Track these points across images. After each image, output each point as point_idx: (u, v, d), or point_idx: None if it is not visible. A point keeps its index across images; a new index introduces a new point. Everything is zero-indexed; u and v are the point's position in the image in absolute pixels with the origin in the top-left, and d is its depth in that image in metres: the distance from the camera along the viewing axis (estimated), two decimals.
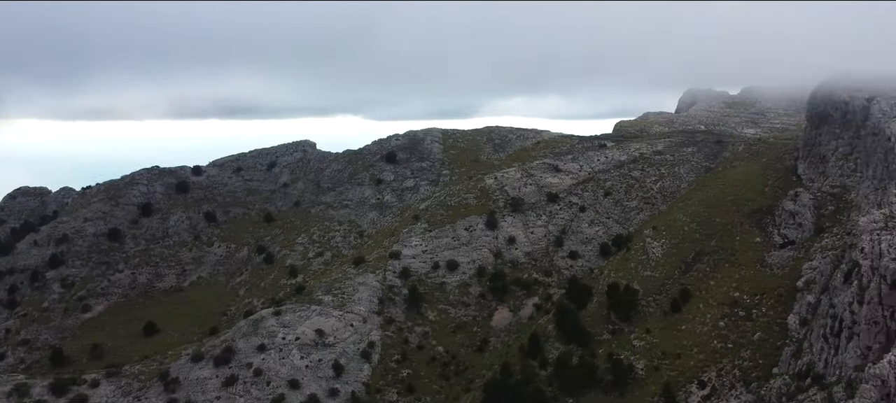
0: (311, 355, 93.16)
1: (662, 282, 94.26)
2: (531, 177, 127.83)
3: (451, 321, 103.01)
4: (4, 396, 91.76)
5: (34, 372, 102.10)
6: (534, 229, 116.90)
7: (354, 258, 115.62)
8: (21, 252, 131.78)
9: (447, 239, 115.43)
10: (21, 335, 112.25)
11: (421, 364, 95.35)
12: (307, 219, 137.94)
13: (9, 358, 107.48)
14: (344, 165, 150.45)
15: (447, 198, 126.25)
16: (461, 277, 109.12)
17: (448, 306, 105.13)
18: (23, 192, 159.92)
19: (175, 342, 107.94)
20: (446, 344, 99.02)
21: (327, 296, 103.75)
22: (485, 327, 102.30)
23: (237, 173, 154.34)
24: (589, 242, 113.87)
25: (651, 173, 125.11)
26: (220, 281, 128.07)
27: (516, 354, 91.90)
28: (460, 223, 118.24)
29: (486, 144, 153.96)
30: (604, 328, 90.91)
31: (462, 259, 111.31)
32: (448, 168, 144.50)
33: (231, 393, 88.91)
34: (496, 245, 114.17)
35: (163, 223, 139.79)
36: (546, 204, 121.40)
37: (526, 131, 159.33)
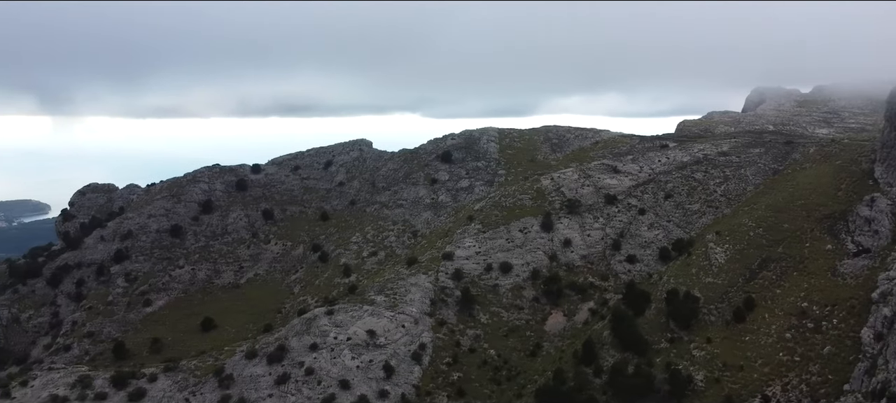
0: (362, 355, 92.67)
1: (725, 290, 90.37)
2: (589, 177, 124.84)
3: (503, 324, 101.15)
4: (68, 387, 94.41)
5: (97, 365, 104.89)
6: (590, 231, 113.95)
7: (407, 258, 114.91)
8: (88, 246, 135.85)
9: (501, 240, 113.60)
10: (86, 327, 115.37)
11: (472, 368, 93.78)
12: (362, 218, 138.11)
13: (74, 350, 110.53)
14: (399, 164, 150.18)
15: (502, 198, 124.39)
16: (515, 280, 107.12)
17: (501, 309, 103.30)
18: (92, 188, 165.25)
19: (231, 338, 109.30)
20: (498, 348, 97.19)
21: (380, 296, 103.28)
22: (538, 331, 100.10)
23: (295, 171, 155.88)
24: (648, 246, 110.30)
25: (715, 175, 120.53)
26: (276, 278, 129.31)
27: (570, 360, 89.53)
28: (515, 224, 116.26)
29: (543, 144, 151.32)
30: (662, 336, 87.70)
31: (516, 261, 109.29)
32: (504, 168, 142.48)
33: (283, 391, 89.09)
34: (551, 247, 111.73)
35: (222, 220, 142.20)
36: (604, 205, 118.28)
37: (584, 131, 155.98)
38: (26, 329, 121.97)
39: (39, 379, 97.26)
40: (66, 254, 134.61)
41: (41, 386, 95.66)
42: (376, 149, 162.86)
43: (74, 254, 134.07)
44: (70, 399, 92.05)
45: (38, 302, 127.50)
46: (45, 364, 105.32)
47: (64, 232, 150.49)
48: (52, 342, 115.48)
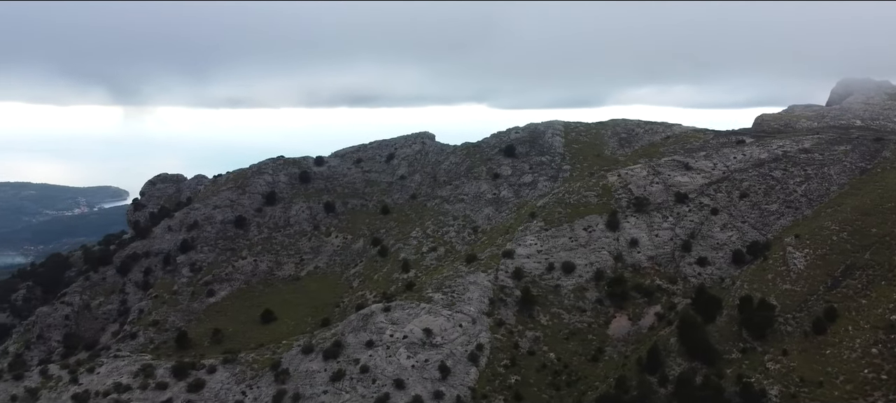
0: (417, 354, 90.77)
1: (804, 298, 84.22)
2: (658, 174, 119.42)
3: (564, 326, 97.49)
4: (132, 375, 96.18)
5: (160, 353, 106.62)
6: (659, 231, 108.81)
7: (467, 255, 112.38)
8: (156, 236, 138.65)
9: (564, 239, 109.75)
10: (152, 316, 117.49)
11: (530, 371, 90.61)
12: (422, 213, 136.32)
13: (140, 338, 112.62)
14: (461, 158, 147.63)
15: (566, 195, 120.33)
16: (577, 280, 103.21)
17: (562, 310, 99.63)
18: (162, 178, 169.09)
19: (289, 331, 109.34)
20: (558, 351, 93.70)
21: (437, 294, 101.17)
22: (600, 335, 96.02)
23: (357, 164, 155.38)
24: (720, 248, 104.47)
25: (795, 174, 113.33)
26: (336, 271, 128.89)
27: (634, 367, 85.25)
28: (579, 222, 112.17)
29: (611, 138, 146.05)
30: (733, 346, 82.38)
31: (579, 261, 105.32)
32: (569, 163, 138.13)
33: (338, 389, 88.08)
34: (617, 247, 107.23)
35: (285, 212, 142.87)
36: (674, 204, 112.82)
37: (655, 125, 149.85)
38: (96, 315, 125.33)
39: (105, 367, 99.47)
40: (136, 243, 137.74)
41: (106, 373, 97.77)
42: (439, 143, 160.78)
43: (143, 243, 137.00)
44: (133, 388, 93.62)
45: (108, 289, 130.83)
46: (112, 352, 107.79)
47: (134, 221, 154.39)
48: (119, 329, 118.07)
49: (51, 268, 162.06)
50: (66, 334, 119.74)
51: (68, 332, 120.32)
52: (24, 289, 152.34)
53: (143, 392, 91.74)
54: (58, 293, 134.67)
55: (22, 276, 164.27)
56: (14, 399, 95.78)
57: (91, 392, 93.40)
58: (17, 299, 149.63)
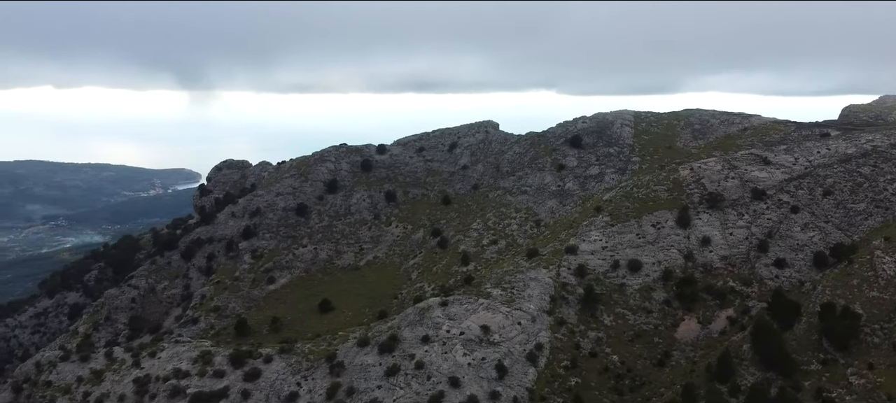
0: (474, 352, 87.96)
1: (894, 308, 77.46)
2: (734, 169, 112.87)
3: (629, 328, 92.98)
4: (191, 362, 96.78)
5: (220, 340, 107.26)
6: (733, 230, 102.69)
7: (528, 250, 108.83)
8: (220, 222, 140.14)
9: (631, 235, 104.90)
10: (213, 302, 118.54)
11: (592, 374, 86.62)
12: (484, 204, 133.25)
13: (201, 323, 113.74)
14: (525, 148, 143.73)
15: (634, 188, 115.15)
16: (644, 279, 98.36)
17: (627, 311, 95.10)
18: (227, 164, 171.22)
19: (346, 321, 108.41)
20: (622, 354, 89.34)
21: (496, 290, 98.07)
22: (667, 338, 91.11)
23: (419, 153, 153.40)
24: (800, 249, 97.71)
25: (886, 170, 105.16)
26: (395, 261, 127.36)
27: (702, 375, 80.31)
28: (647, 218, 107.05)
29: (684, 130, 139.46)
30: (813, 356, 76.48)
31: (646, 259, 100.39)
32: (638, 155, 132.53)
33: (392, 384, 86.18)
34: (687, 245, 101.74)
35: (346, 200, 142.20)
36: (750, 201, 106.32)
37: (731, 115, 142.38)
38: (161, 299, 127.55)
39: (166, 352, 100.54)
40: (200, 229, 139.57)
41: (167, 359, 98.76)
42: (502, 132, 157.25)
43: (207, 229, 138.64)
44: (191, 374, 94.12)
45: (172, 273, 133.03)
46: (173, 336, 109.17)
47: (200, 206, 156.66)
48: (182, 313, 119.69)
49: (122, 250, 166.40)
50: (132, 317, 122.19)
51: (134, 315, 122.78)
52: (97, 270, 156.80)
53: (200, 379, 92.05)
54: (127, 275, 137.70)
55: (95, 257, 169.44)
56: (80, 380, 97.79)
57: (152, 376, 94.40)
58: (90, 279, 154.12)
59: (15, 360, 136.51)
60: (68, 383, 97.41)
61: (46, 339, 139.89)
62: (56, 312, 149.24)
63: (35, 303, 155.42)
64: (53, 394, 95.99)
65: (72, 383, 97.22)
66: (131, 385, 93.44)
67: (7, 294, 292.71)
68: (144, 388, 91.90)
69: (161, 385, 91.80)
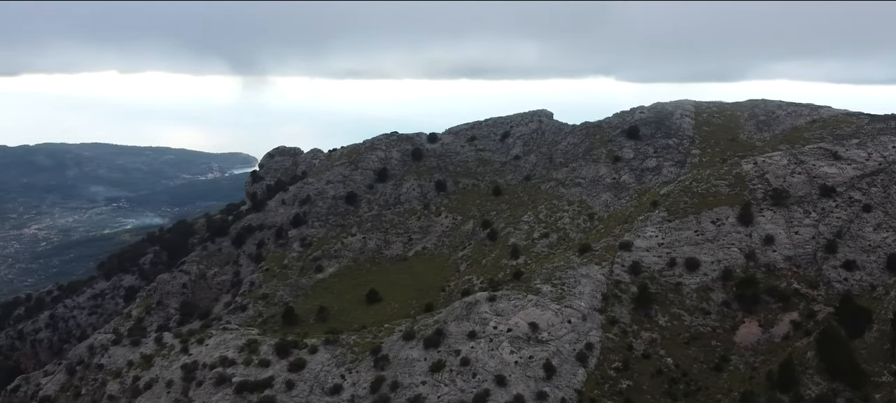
0: (521, 350, 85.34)
1: None
2: (801, 163, 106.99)
3: (685, 329, 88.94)
4: (237, 350, 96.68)
5: (267, 329, 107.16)
6: (799, 229, 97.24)
7: (580, 244, 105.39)
8: (270, 209, 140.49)
9: (689, 231, 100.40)
10: (262, 289, 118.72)
11: (644, 377, 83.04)
12: (536, 196, 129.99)
13: (249, 311, 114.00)
14: (580, 139, 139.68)
15: (694, 183, 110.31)
16: (702, 279, 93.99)
17: (683, 311, 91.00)
18: (279, 151, 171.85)
19: (393, 313, 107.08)
20: (677, 357, 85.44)
21: (546, 286, 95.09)
22: (726, 342, 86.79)
23: (470, 142, 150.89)
24: (872, 251, 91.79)
25: None
26: (444, 253, 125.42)
27: (763, 382, 76.08)
28: (706, 214, 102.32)
29: (748, 121, 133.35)
30: (884, 367, 71.46)
31: (705, 257, 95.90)
32: (698, 147, 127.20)
33: (436, 380, 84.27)
34: (749, 244, 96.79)
35: (396, 189, 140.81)
36: (818, 198, 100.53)
37: (799, 107, 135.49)
38: (211, 285, 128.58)
39: (214, 339, 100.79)
40: (251, 216, 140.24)
41: (214, 346, 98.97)
42: (556, 121, 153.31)
43: (258, 216, 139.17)
44: (237, 363, 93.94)
45: (223, 259, 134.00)
46: (222, 323, 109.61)
47: (252, 193, 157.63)
48: (231, 300, 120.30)
49: (177, 235, 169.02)
50: (183, 302, 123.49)
51: (185, 300, 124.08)
52: (152, 254, 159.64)
53: (246, 367, 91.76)
54: (179, 260, 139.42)
55: (150, 241, 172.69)
56: (130, 365, 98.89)
57: (199, 363, 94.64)
58: (145, 263, 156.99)
59: (73, 340, 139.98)
60: (119, 367, 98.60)
61: (103, 320, 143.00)
62: (112, 294, 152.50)
63: (93, 285, 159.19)
64: (104, 378, 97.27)
65: (122, 367, 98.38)
66: (179, 372, 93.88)
67: (70, 273, 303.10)
68: (191, 375, 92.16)
69: (207, 372, 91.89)
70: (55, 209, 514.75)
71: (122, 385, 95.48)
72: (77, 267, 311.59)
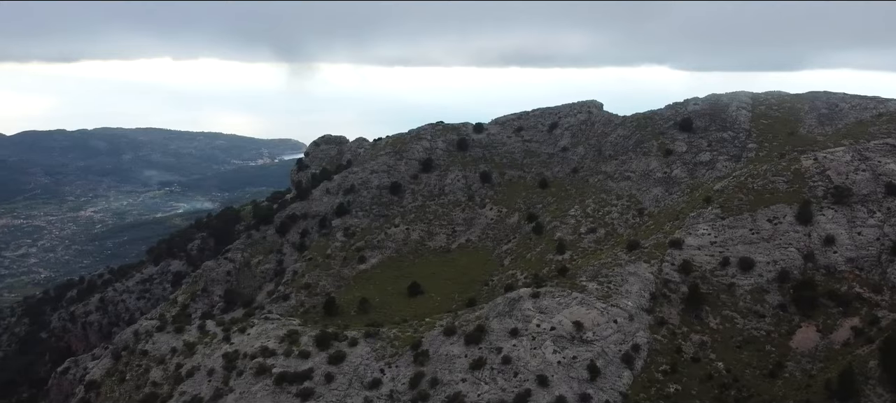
0: (565, 350, 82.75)
1: None
2: (866, 160, 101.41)
3: (737, 332, 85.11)
4: (278, 340, 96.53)
5: (308, 319, 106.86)
6: (862, 229, 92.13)
7: (629, 241, 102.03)
8: (315, 198, 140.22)
9: (743, 230, 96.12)
10: (304, 278, 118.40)
11: (693, 381, 79.68)
12: (583, 189, 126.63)
13: (292, 300, 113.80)
14: (630, 131, 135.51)
15: (749, 178, 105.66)
16: (757, 280, 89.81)
17: (736, 314, 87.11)
18: (325, 140, 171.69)
19: (435, 306, 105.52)
20: (728, 361, 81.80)
21: (592, 283, 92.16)
22: (781, 347, 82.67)
23: (517, 133, 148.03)
24: None
25: None
26: (488, 246, 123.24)
27: (820, 391, 72.07)
28: (762, 212, 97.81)
29: (808, 114, 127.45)
30: None
31: (760, 257, 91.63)
32: (755, 141, 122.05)
33: (477, 378, 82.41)
34: (808, 244, 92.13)
35: (440, 180, 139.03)
36: (884, 197, 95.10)
37: (864, 99, 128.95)
38: (255, 273, 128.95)
39: (255, 328, 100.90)
40: (295, 204, 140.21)
41: (256, 335, 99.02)
42: (606, 112, 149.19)
43: (302, 205, 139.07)
44: (277, 353, 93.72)
45: (267, 248, 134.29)
46: (264, 312, 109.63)
47: (297, 181, 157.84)
48: (274, 289, 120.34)
49: (223, 222, 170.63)
50: (227, 290, 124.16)
51: (229, 288, 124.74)
52: (199, 240, 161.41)
53: (286, 359, 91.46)
54: (224, 248, 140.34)
55: (198, 227, 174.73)
56: (174, 352, 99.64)
57: (240, 352, 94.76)
58: (192, 249, 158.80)
59: (122, 324, 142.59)
60: (163, 353, 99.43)
61: (150, 305, 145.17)
62: (160, 279, 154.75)
63: (142, 269, 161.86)
64: (148, 364, 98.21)
65: (166, 353, 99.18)
66: (220, 360, 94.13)
67: (123, 255, 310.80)
68: (233, 364, 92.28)
69: (248, 362, 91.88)
70: (111, 192, 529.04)
71: (165, 371, 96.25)
72: (130, 250, 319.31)
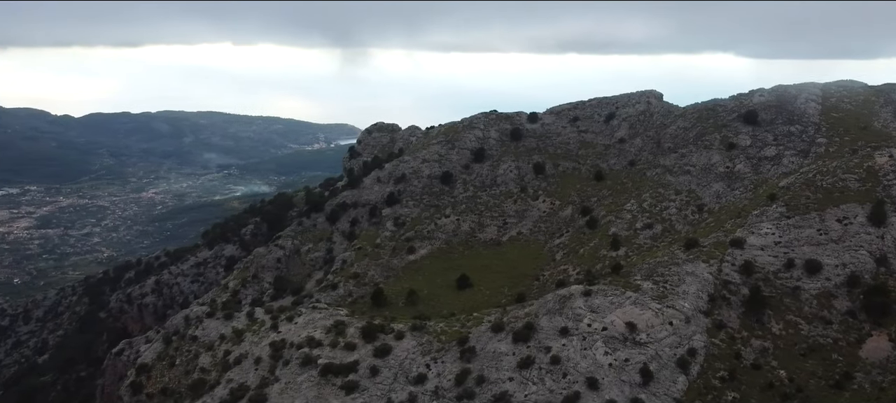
0: (617, 352, 79.73)
1: None
2: None
3: (802, 339, 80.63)
4: (325, 331, 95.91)
5: (355, 309, 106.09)
6: None
7: (687, 238, 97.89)
8: (366, 186, 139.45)
9: (811, 230, 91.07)
10: (353, 268, 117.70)
11: (753, 390, 75.73)
12: (640, 183, 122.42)
13: (340, 290, 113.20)
14: (691, 123, 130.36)
15: (818, 176, 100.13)
16: (824, 284, 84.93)
17: (800, 319, 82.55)
18: (378, 127, 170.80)
19: (484, 300, 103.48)
20: (791, 370, 77.47)
21: (647, 282, 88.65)
22: (849, 356, 77.95)
23: (572, 123, 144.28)
24: None
25: None
26: (539, 239, 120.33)
27: None
28: (832, 212, 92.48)
29: (884, 108, 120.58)
30: None
31: (828, 260, 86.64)
32: (825, 136, 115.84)
33: (524, 378, 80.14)
34: (881, 247, 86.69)
35: (492, 170, 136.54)
36: None
37: None
38: (304, 261, 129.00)
39: (303, 317, 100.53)
40: (346, 193, 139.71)
41: (303, 325, 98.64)
42: (666, 103, 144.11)
43: (353, 193, 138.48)
44: (323, 344, 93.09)
45: (317, 235, 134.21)
46: (312, 301, 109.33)
47: (349, 168, 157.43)
48: (323, 277, 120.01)
49: (277, 207, 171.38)
50: (277, 277, 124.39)
51: (279, 275, 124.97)
52: (253, 225, 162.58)
53: (332, 349, 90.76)
54: (275, 234, 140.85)
55: (252, 212, 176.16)
56: (222, 339, 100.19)
57: (287, 342, 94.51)
58: (246, 234, 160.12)
59: (176, 306, 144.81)
60: (212, 340, 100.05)
61: (203, 289, 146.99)
62: (214, 263, 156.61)
63: (196, 253, 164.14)
64: (198, 349, 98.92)
65: (215, 340, 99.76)
66: (267, 349, 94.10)
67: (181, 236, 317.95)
68: (279, 353, 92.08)
69: (294, 352, 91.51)
70: (171, 174, 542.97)
71: (214, 358, 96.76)
72: (188, 231, 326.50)
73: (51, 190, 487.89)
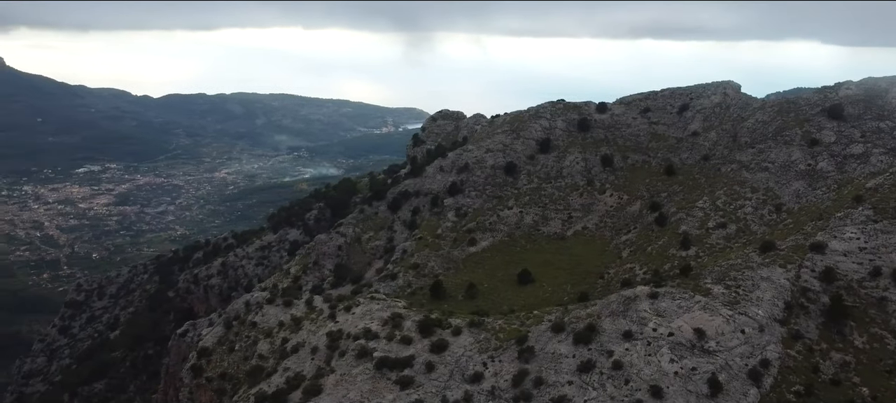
0: (683, 359, 75.70)
1: None
2: None
3: (888, 355, 74.90)
4: (381, 323, 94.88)
5: (415, 300, 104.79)
6: None
7: (763, 240, 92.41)
8: (428, 175, 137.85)
9: None
10: (413, 258, 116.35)
11: None
12: (714, 179, 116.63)
13: (399, 280, 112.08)
14: (771, 116, 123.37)
15: None
16: None
17: (886, 332, 76.74)
18: (442, 115, 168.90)
19: (545, 297, 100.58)
20: (875, 387, 72.00)
21: (718, 286, 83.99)
22: None
23: (643, 114, 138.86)
24: None
25: None
26: (605, 235, 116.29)
27: None
28: None
29: None
30: None
31: None
32: None
33: (584, 382, 77.04)
34: None
35: (558, 162, 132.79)
36: None
37: None
38: (365, 249, 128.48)
39: (361, 308, 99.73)
40: (408, 181, 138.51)
41: (360, 315, 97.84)
42: (744, 94, 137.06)
43: (415, 182, 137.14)
44: (380, 336, 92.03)
45: (378, 224, 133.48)
46: (371, 290, 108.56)
47: (412, 156, 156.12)
48: (383, 267, 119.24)
49: (341, 193, 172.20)
50: (337, 264, 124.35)
51: (339, 263, 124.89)
52: (316, 210, 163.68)
53: (388, 343, 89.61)
54: (337, 221, 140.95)
55: (316, 197, 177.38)
56: (281, 326, 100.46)
57: (344, 332, 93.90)
58: (310, 219, 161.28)
59: (239, 289, 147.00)
60: (270, 326, 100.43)
61: (267, 272, 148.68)
62: (278, 247, 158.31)
63: (261, 236, 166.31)
64: (256, 336, 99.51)
65: (273, 327, 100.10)
66: (324, 339, 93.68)
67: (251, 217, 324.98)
68: (336, 344, 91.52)
69: (350, 343, 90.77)
70: (243, 155, 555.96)
71: (272, 345, 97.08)
72: (258, 212, 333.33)
73: (130, 168, 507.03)
